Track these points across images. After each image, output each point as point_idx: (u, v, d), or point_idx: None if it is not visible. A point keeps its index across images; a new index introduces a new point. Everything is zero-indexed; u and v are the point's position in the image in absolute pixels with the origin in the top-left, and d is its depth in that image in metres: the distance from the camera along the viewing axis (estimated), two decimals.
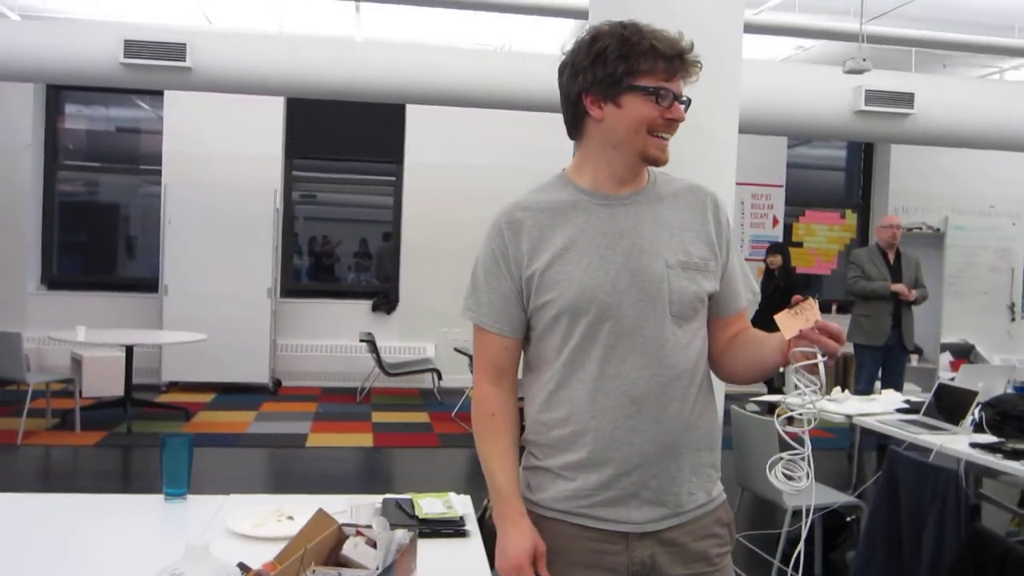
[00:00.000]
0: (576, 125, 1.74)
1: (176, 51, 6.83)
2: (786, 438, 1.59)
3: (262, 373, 8.78)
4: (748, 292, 1.80)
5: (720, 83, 3.97)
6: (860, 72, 6.21)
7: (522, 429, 1.82)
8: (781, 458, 1.60)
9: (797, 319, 1.51)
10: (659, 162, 1.70)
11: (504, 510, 1.72)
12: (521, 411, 1.82)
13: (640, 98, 1.62)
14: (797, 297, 1.53)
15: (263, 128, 9.26)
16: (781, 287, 8.07)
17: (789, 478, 1.57)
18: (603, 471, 1.66)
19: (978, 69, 9.08)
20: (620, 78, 1.62)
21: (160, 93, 8.97)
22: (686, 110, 1.66)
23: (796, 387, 1.54)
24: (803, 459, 1.56)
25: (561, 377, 1.69)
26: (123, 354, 7.29)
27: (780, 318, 1.54)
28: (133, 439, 6.69)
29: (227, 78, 7.11)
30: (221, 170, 9.04)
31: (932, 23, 7.08)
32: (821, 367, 1.50)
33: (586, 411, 1.66)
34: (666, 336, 1.65)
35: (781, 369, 1.61)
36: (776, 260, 8.47)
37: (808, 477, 1.55)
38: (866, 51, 6.15)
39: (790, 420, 1.58)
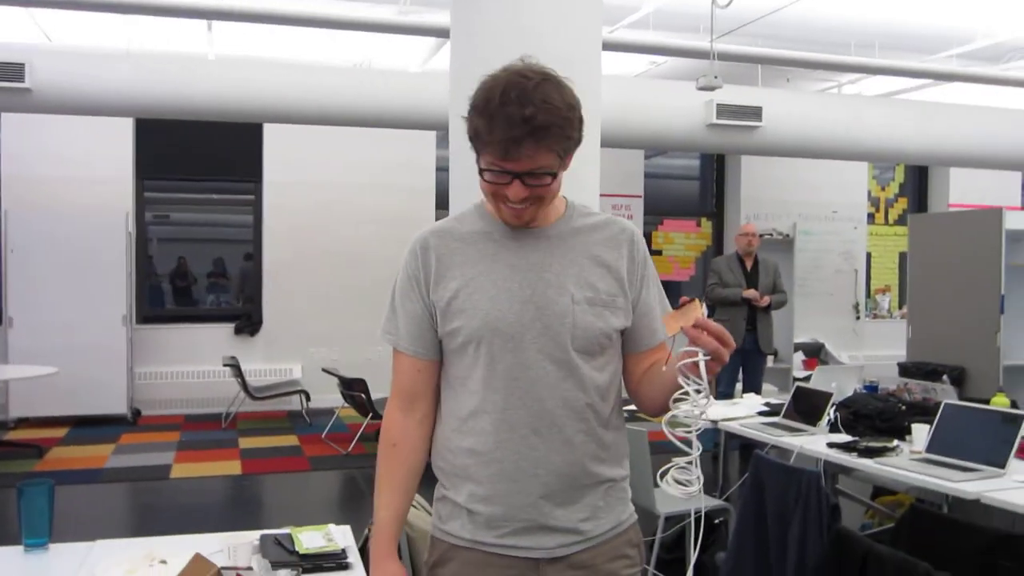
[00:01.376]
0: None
1: (13, 71, 6.48)
2: (675, 441, 1.57)
3: (120, 403, 8.41)
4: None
5: (582, 101, 4.06)
6: (712, 89, 6.46)
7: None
8: (674, 464, 1.58)
9: (680, 318, 1.51)
10: (512, 226, 1.69)
11: (377, 548, 1.73)
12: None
13: (481, 172, 1.63)
14: (684, 299, 1.54)
15: (111, 149, 8.86)
16: None
17: (680, 483, 1.57)
18: (508, 503, 1.66)
19: (819, 83, 9.58)
20: (472, 145, 1.62)
21: None
22: (554, 177, 1.60)
23: (682, 388, 1.53)
24: (693, 463, 1.55)
25: (468, 405, 1.69)
26: None
27: (665, 319, 1.55)
28: None
29: (70, 99, 6.79)
30: (67, 194, 8.62)
31: (776, 40, 7.42)
32: (702, 365, 1.49)
33: (491, 442, 1.66)
34: (569, 370, 1.66)
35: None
36: None
37: (700, 481, 1.55)
38: (717, 68, 6.40)
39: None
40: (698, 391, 1.51)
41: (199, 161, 9.35)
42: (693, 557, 2.01)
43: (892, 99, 9.36)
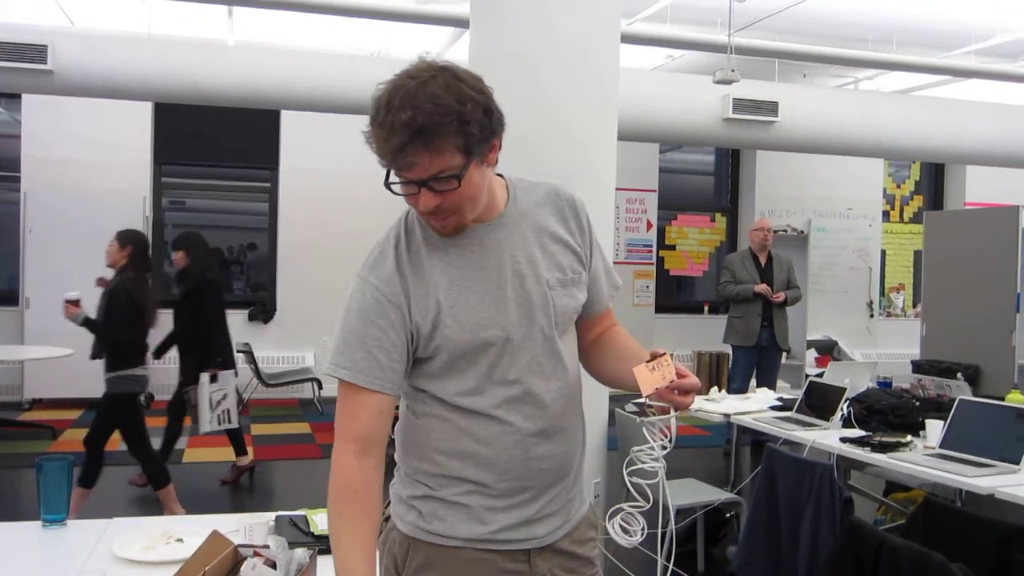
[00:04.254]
0: None
1: (36, 53, 6.52)
2: (632, 491, 1.59)
3: None
4: (611, 289, 1.79)
5: (599, 91, 4.07)
6: (729, 83, 6.45)
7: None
8: (621, 509, 1.61)
9: (654, 375, 1.50)
10: (443, 235, 1.59)
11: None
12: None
13: None
14: (654, 351, 1.52)
15: (130, 133, 8.91)
16: (192, 291, 5.89)
17: (626, 530, 1.58)
18: (507, 497, 1.62)
19: (835, 79, 9.54)
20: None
21: (17, 96, 8.54)
22: (459, 182, 1.47)
23: (646, 439, 1.55)
24: (641, 513, 1.58)
25: (459, 410, 1.60)
26: None
27: (638, 371, 1.52)
28: None
29: (91, 82, 6.82)
30: (86, 176, 8.67)
31: (793, 35, 7.40)
32: (673, 424, 1.51)
33: (494, 447, 1.59)
34: (558, 358, 1.64)
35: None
36: (180, 258, 5.99)
37: (642, 533, 1.56)
38: (734, 62, 6.38)
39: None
40: (663, 447, 1.53)
41: (216, 147, 9.38)
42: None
43: (909, 96, 9.31)
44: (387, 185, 1.53)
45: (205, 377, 5.73)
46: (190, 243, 5.97)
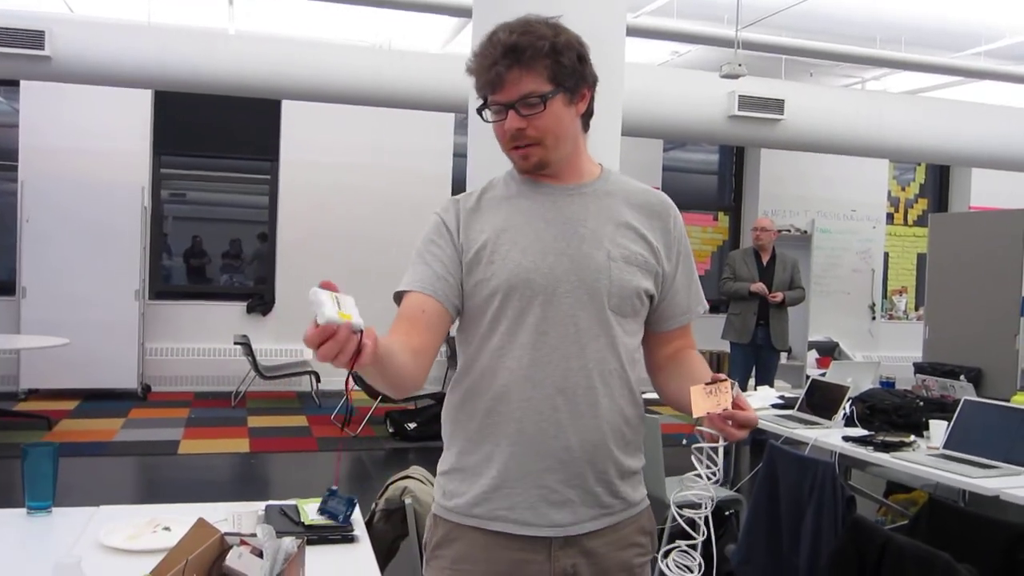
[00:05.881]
0: None
1: (33, 39, 6.47)
2: (681, 522, 1.51)
3: (130, 378, 8.41)
4: (694, 306, 1.74)
5: (604, 85, 4.01)
6: (736, 77, 6.39)
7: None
8: (677, 547, 1.55)
9: (709, 400, 1.45)
10: (524, 171, 1.66)
11: None
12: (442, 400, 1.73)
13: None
14: (717, 375, 1.48)
15: (129, 122, 8.87)
16: None
17: (681, 567, 1.53)
18: (525, 465, 1.58)
19: (842, 79, 9.48)
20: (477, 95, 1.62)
21: (15, 83, 8.49)
22: (545, 106, 1.55)
23: (695, 468, 1.49)
24: (696, 548, 1.52)
25: (487, 364, 1.60)
26: None
27: (694, 391, 1.48)
28: None
29: (90, 69, 6.78)
30: (84, 166, 8.63)
31: (801, 32, 7.35)
32: (720, 454, 1.46)
33: (513, 400, 1.58)
34: (601, 329, 1.60)
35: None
36: None
37: (700, 568, 1.52)
38: (741, 57, 6.33)
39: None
40: (711, 477, 1.48)
41: (216, 137, 9.33)
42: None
43: (916, 96, 9.26)
44: (479, 112, 1.61)
45: None
46: None
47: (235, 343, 8.32)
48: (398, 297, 1.63)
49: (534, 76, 1.53)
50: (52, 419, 7.21)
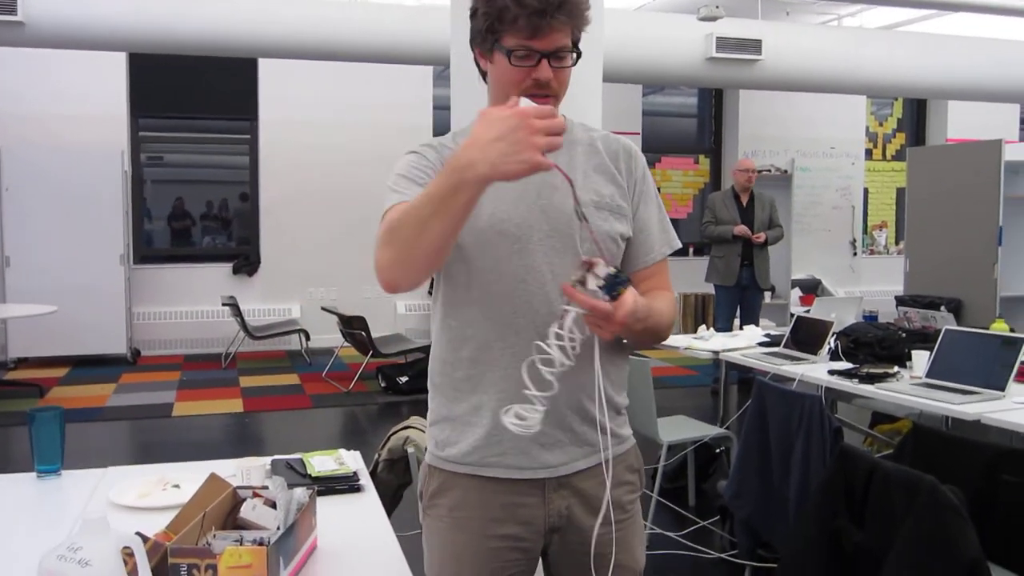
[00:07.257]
0: (480, 71, 1.68)
1: (6, 4, 6.38)
2: (531, 389, 1.48)
3: (119, 343, 8.43)
4: (663, 245, 1.73)
5: (585, 31, 4.01)
6: (714, 19, 6.40)
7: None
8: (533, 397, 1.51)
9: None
10: None
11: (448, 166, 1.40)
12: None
13: (503, 58, 1.56)
14: (590, 259, 1.45)
15: (105, 86, 8.78)
16: None
17: (522, 419, 1.48)
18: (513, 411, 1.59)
19: (819, 16, 9.46)
20: (487, 35, 1.57)
21: None
22: (576, 62, 1.58)
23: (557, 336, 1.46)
24: (543, 406, 1.48)
25: (468, 314, 1.63)
26: None
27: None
28: None
29: (63, 33, 6.69)
30: (62, 131, 8.55)
31: None
32: (569, 319, 1.45)
33: (495, 347, 1.60)
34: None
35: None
36: None
37: (539, 423, 1.48)
38: None
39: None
40: (565, 348, 1.46)
41: (194, 98, 9.26)
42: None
43: (892, 31, 9.25)
44: (490, 49, 1.58)
45: None
46: None
47: (223, 304, 8.35)
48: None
49: (568, 31, 1.55)
50: (43, 387, 7.24)
